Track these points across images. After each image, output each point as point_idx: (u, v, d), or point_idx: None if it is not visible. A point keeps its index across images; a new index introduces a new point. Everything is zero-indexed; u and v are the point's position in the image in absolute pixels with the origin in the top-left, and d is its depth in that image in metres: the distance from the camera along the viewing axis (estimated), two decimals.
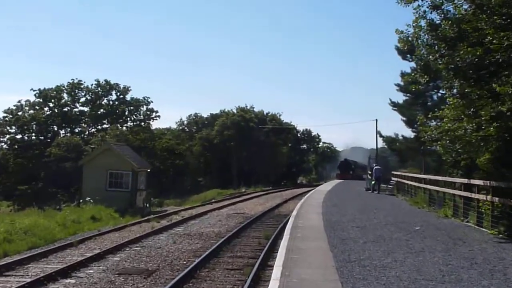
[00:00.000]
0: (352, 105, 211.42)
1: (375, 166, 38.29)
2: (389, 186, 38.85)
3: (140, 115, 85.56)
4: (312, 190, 46.35)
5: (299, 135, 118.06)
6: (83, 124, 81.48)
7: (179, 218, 31.36)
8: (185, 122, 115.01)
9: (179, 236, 23.42)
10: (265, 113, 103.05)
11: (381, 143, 65.12)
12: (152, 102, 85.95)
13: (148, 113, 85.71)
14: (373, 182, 37.00)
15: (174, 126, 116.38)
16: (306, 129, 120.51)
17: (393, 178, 39.69)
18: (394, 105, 51.71)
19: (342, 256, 12.06)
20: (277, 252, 13.55)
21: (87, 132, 79.86)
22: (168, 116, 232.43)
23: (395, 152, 58.19)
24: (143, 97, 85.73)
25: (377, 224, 18.18)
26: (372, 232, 16.13)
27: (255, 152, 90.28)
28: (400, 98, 56.82)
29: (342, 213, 21.66)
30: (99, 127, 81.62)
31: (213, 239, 22.70)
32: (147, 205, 41.81)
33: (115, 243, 21.12)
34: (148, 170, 44.29)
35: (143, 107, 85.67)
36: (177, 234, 24.11)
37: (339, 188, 45.08)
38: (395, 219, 19.99)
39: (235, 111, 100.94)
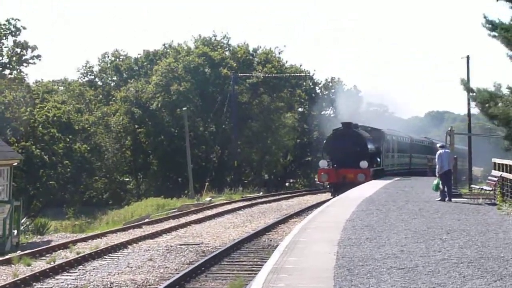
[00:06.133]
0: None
1: (441, 148, 22.19)
2: (483, 189, 22.69)
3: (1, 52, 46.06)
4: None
5: (318, 90, 70.05)
6: None
7: (72, 256, 18.38)
8: (96, 68, 65.66)
9: None
10: (250, 49, 61.17)
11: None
12: (24, 29, 46.30)
13: (18, 50, 46.24)
14: (435, 182, 21.69)
15: (72, 76, 71.65)
16: (333, 79, 70.94)
17: (493, 172, 23.52)
18: (493, 26, 22.05)
19: None
20: None
21: None
22: (61, 60, 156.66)
23: (495, 121, 25.16)
24: (7, 20, 45.36)
25: (442, 263, 10.30)
26: (427, 279, 9.06)
27: (233, 127, 53.74)
28: (507, 13, 35.73)
29: (378, 242, 12.63)
30: None
31: None
32: (14, 232, 23.67)
33: None
34: (16, 164, 26.79)
35: (6, 37, 46.03)
36: None
37: (389, 193, 25.22)
38: (480, 252, 11.43)
39: (192, 45, 59.31)
